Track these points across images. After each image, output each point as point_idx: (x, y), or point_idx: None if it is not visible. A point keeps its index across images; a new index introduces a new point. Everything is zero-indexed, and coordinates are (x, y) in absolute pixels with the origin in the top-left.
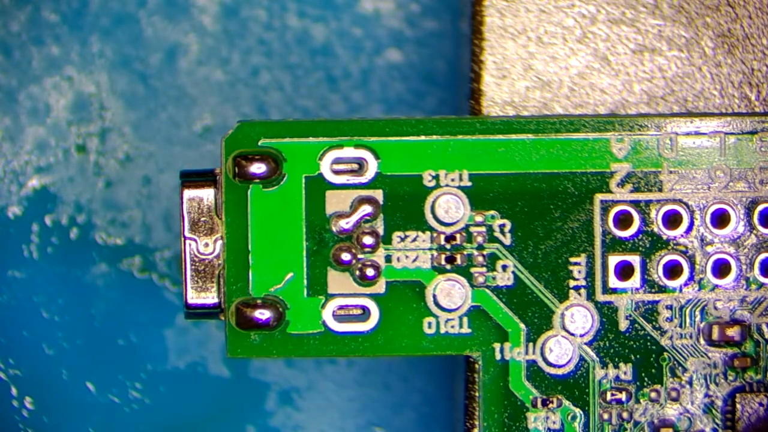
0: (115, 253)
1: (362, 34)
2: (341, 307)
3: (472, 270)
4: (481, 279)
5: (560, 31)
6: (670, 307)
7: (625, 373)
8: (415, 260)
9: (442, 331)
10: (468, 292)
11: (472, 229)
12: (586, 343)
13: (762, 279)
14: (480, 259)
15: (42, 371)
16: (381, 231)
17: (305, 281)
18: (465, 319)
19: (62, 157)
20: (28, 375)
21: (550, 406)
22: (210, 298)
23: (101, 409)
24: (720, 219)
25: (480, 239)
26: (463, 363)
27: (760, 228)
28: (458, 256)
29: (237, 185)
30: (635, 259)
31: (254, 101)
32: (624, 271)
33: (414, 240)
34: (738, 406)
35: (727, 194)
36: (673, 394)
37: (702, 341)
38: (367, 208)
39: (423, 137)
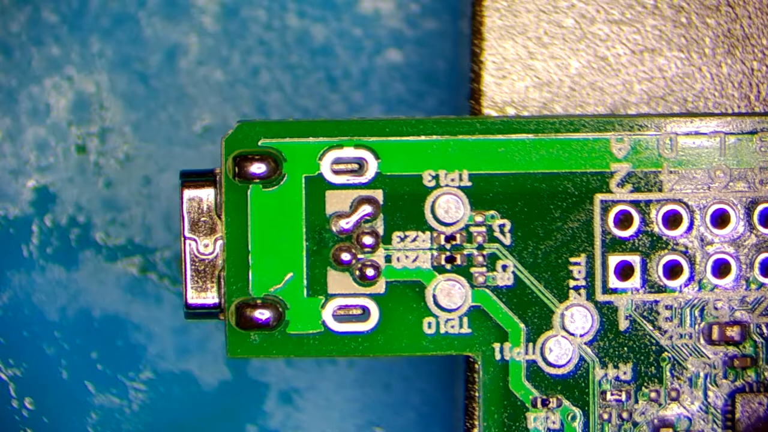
0: (115, 253)
1: (362, 34)
2: (341, 307)
3: (472, 270)
4: (481, 279)
5: (560, 31)
6: (669, 307)
7: (624, 373)
8: (415, 260)
9: (442, 331)
10: (468, 292)
11: (472, 229)
12: (585, 343)
13: (762, 279)
14: (480, 259)
15: (42, 371)
16: (381, 231)
17: (305, 281)
18: (465, 319)
19: (62, 157)
20: (28, 375)
21: (550, 406)
22: (210, 298)
23: (101, 410)
24: (720, 219)
25: (480, 239)
26: (463, 363)
27: (760, 228)
28: (458, 256)
29: (237, 185)
30: (635, 259)
31: (254, 101)
32: (624, 271)
33: (414, 240)
34: (738, 406)
35: (727, 194)
36: (673, 394)
37: (702, 341)
38: (367, 208)
39: (423, 137)
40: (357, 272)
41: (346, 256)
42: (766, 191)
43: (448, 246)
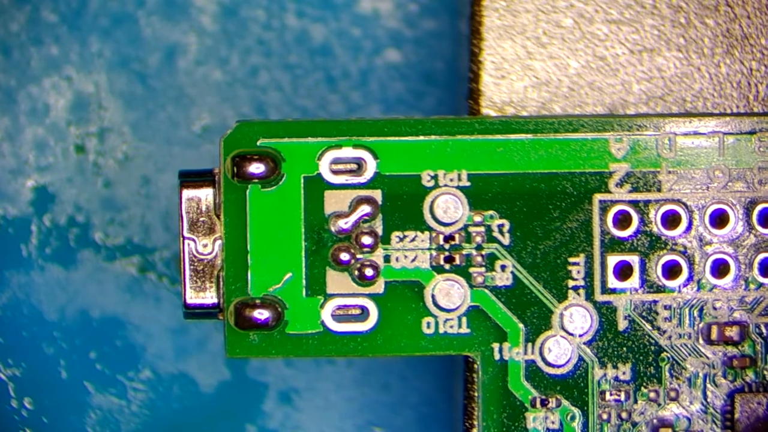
0: (114, 253)
1: (361, 35)
2: (340, 307)
3: (471, 270)
4: (480, 279)
5: (559, 31)
6: (668, 307)
7: (623, 373)
8: (413, 260)
9: (441, 331)
10: (467, 292)
11: (471, 229)
12: (584, 343)
13: (761, 279)
14: (479, 259)
15: (41, 371)
16: (380, 231)
17: (304, 281)
18: (464, 319)
19: (61, 157)
20: (28, 375)
21: (549, 406)
22: (209, 298)
23: (100, 409)
24: (719, 219)
25: (479, 239)
26: (463, 363)
27: (758, 228)
28: (457, 256)
29: (236, 185)
30: (634, 259)
31: (253, 101)
32: (623, 271)
33: (413, 240)
34: (737, 406)
35: (725, 194)
36: (672, 394)
37: (701, 341)
38: (365, 208)
39: (422, 137)
40: (356, 272)
41: (344, 256)
42: (764, 191)
43: (446, 246)
